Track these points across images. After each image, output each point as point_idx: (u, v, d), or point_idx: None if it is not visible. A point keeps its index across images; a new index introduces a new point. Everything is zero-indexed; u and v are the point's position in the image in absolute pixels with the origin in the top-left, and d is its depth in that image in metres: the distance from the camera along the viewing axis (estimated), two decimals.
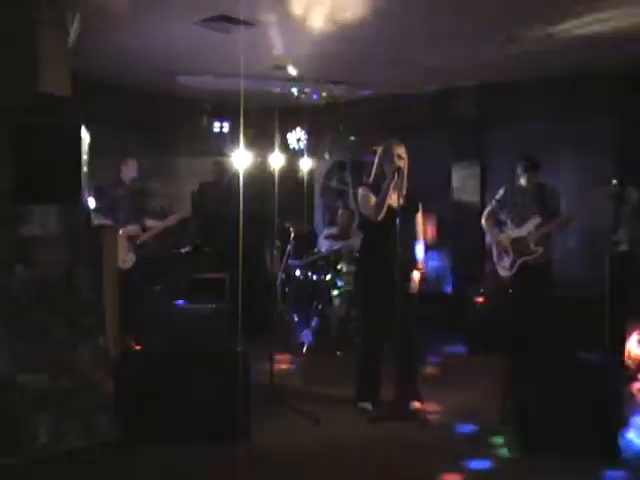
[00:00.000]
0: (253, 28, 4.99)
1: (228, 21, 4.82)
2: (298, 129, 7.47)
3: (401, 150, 4.51)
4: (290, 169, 7.80)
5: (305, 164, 7.98)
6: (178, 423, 3.95)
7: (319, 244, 7.05)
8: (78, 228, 4.07)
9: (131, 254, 5.82)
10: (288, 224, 6.77)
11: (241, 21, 4.79)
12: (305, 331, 6.33)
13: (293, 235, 6.69)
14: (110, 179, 5.98)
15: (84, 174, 3.98)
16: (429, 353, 5.90)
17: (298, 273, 6.65)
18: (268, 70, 6.36)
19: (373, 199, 4.50)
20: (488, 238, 6.23)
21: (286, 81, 6.69)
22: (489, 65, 6.42)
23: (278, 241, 6.77)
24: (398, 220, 4.33)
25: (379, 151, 4.61)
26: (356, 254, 5.10)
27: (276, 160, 6.62)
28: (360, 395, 4.63)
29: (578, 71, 6.51)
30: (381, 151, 4.60)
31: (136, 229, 5.93)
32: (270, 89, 6.94)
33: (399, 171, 4.42)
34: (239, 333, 4.06)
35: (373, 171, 4.67)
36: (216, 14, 4.73)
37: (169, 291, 6.62)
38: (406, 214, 4.47)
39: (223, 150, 7.51)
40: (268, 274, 6.99)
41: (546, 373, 3.99)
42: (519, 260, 5.45)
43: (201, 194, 8.17)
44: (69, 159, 3.91)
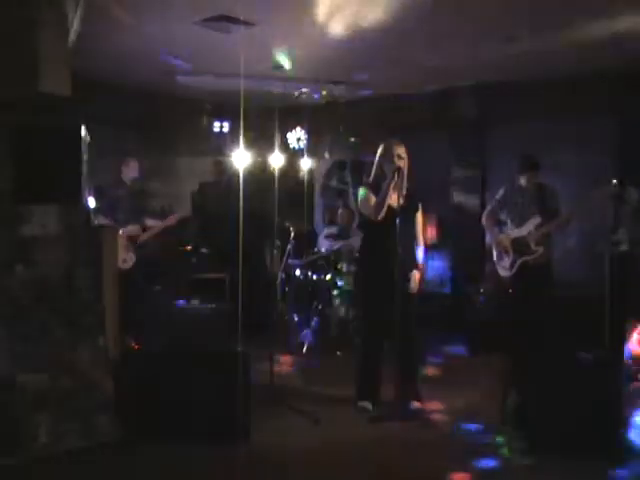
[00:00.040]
0: (253, 28, 4.99)
1: (228, 21, 4.82)
2: (298, 129, 7.46)
3: (401, 150, 4.51)
4: (290, 169, 7.79)
5: (305, 164, 7.98)
6: (178, 423, 3.95)
7: (319, 244, 7.04)
8: (78, 228, 4.06)
9: (131, 254, 5.83)
10: (288, 224, 6.76)
11: (241, 21, 4.79)
12: (305, 331, 6.33)
13: (293, 235, 6.69)
14: (110, 179, 5.99)
15: (84, 174, 3.98)
16: (429, 353, 5.90)
17: (298, 273, 6.64)
18: (268, 70, 6.37)
19: (373, 199, 4.51)
20: (488, 238, 6.23)
21: (286, 81, 6.69)
22: (489, 65, 6.42)
23: (278, 241, 6.78)
24: (398, 220, 4.32)
25: (379, 151, 4.62)
26: (356, 254, 5.10)
27: (276, 160, 6.61)
28: (360, 395, 4.63)
29: (578, 71, 6.51)
30: (381, 151, 4.60)
31: (136, 229, 5.93)
32: (270, 89, 6.94)
33: (399, 171, 4.42)
34: (239, 333, 4.06)
35: (373, 171, 4.67)
36: (216, 14, 4.74)
37: (169, 291, 6.62)
38: (406, 214, 4.47)
39: (223, 150, 7.52)
40: (268, 274, 6.99)
41: (546, 373, 3.99)
42: (519, 260, 5.45)
43: (201, 194, 8.17)
44: (69, 159, 3.91)
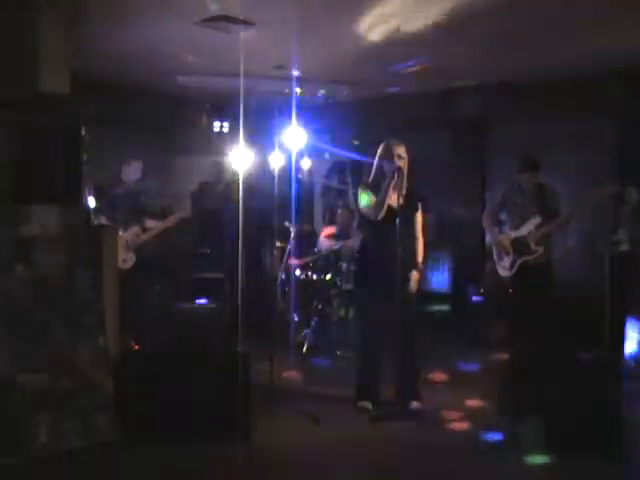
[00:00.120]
0: (253, 28, 4.99)
1: (228, 21, 4.82)
2: (298, 129, 7.44)
3: (401, 150, 4.51)
4: (290, 169, 7.78)
5: (305, 164, 7.97)
6: (178, 423, 3.95)
7: (319, 244, 7.04)
8: (78, 228, 4.07)
9: (131, 254, 5.82)
10: (288, 224, 6.76)
11: (241, 21, 4.79)
12: (305, 331, 6.33)
13: (293, 235, 6.69)
14: (110, 179, 5.98)
15: (84, 174, 3.98)
16: (428, 353, 5.89)
17: (298, 273, 6.64)
18: (268, 70, 6.36)
19: (373, 199, 4.51)
20: (488, 238, 6.23)
21: (286, 81, 6.69)
22: (489, 65, 6.41)
23: (278, 241, 6.78)
24: (398, 220, 4.33)
25: (379, 151, 4.62)
26: (356, 254, 5.11)
27: (276, 160, 6.60)
28: (360, 394, 4.63)
29: (578, 71, 6.51)
30: (381, 151, 4.61)
31: (136, 229, 5.93)
32: (270, 89, 6.94)
33: (399, 171, 4.43)
34: (239, 333, 4.06)
35: (373, 171, 4.67)
36: (216, 14, 4.73)
37: (169, 291, 6.62)
38: (406, 214, 4.47)
39: (223, 150, 7.51)
40: (268, 274, 6.99)
41: (546, 373, 3.99)
42: (519, 260, 5.45)
43: (201, 194, 8.16)
44: (69, 159, 3.91)
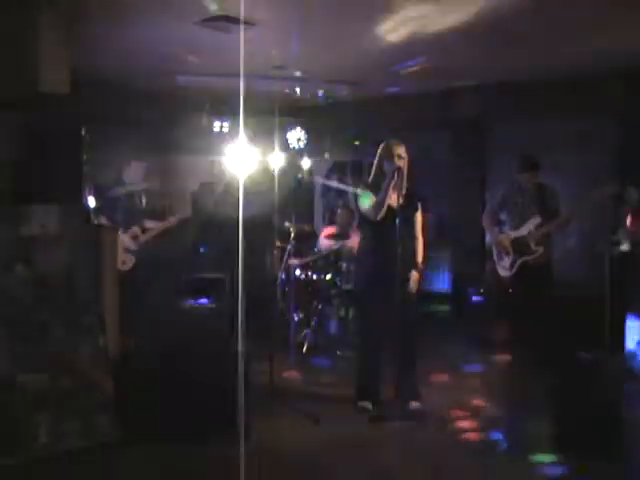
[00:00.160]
0: (253, 28, 4.99)
1: (228, 21, 4.82)
2: (298, 129, 7.46)
3: (401, 150, 4.51)
4: (290, 169, 7.79)
5: (305, 164, 7.97)
6: (178, 423, 3.95)
7: (319, 244, 7.04)
8: (78, 228, 4.07)
9: (130, 255, 5.81)
10: (288, 224, 6.76)
11: (241, 21, 4.79)
12: (305, 331, 6.33)
13: (293, 235, 6.69)
14: (110, 179, 5.98)
15: (84, 174, 3.98)
16: (428, 353, 5.89)
17: (298, 273, 6.64)
18: (268, 70, 6.36)
19: (373, 199, 4.51)
20: (488, 238, 6.24)
21: (286, 81, 6.69)
22: (489, 65, 6.42)
23: (278, 241, 6.78)
24: (398, 220, 4.33)
25: (379, 151, 4.62)
26: (356, 254, 5.10)
27: (276, 160, 6.60)
28: (360, 394, 4.63)
29: (578, 71, 6.51)
30: (381, 151, 4.61)
31: (136, 230, 5.92)
32: (270, 89, 6.94)
33: (399, 171, 4.42)
34: (239, 333, 4.05)
35: (373, 171, 4.67)
36: (216, 14, 4.73)
37: (169, 291, 6.61)
38: (406, 214, 4.47)
39: (223, 150, 7.51)
40: (268, 274, 6.98)
41: (546, 373, 3.99)
42: (519, 260, 5.45)
43: (201, 194, 8.16)
44: (69, 159, 3.91)
